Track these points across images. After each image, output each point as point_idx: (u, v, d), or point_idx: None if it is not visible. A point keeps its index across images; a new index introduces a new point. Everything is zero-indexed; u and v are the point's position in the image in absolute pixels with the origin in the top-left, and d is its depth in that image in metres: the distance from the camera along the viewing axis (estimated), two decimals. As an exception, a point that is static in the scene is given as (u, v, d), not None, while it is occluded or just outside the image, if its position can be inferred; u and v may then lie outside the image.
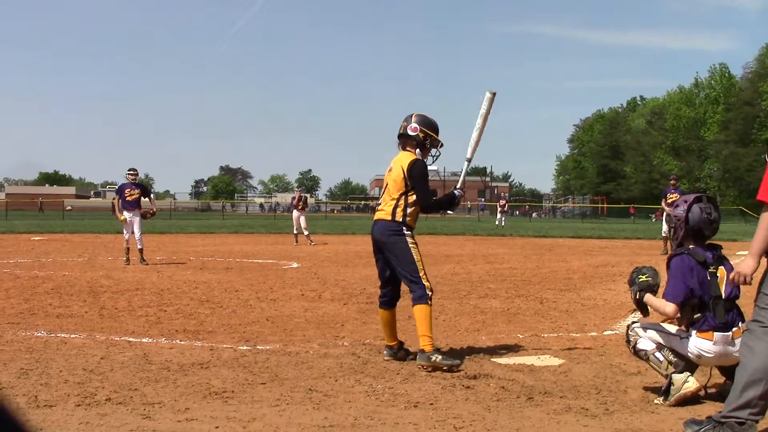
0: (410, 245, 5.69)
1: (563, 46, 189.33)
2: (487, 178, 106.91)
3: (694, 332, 4.67)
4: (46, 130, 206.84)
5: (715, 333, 4.58)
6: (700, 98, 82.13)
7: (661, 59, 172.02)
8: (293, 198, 23.73)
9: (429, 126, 5.89)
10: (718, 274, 4.65)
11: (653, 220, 63.22)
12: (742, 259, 4.01)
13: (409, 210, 5.74)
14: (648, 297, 4.86)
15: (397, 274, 5.78)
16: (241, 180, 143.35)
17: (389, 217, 5.73)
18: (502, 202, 42.12)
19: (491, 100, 6.11)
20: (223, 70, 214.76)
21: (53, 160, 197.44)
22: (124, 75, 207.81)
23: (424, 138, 5.86)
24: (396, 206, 5.73)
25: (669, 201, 18.49)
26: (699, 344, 4.63)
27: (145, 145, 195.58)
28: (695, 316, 4.69)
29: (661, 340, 4.81)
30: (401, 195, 5.74)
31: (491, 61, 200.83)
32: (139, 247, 14.43)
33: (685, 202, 4.86)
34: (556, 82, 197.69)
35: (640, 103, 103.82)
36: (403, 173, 5.72)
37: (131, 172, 14.86)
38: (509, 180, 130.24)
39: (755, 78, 72.92)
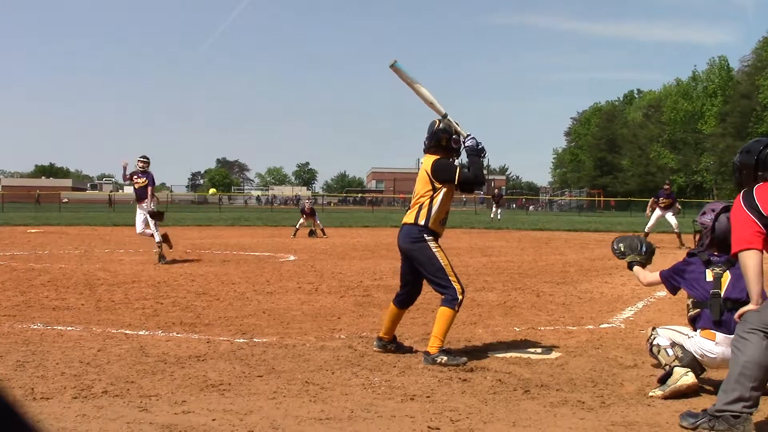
0: (434, 250, 5.62)
1: (560, 38, 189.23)
2: (484, 171, 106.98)
3: (698, 331, 4.71)
4: (42, 123, 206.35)
5: (717, 333, 4.59)
6: (698, 91, 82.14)
7: (657, 52, 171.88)
8: (303, 207, 23.51)
9: (455, 131, 5.83)
10: (722, 275, 4.72)
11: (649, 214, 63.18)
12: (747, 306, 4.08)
13: (433, 214, 5.66)
14: (636, 269, 5.35)
15: (425, 278, 5.71)
16: (237, 173, 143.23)
17: (412, 221, 5.68)
18: (496, 191, 42.60)
19: (398, 70, 5.90)
20: (220, 62, 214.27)
21: (49, 153, 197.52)
22: (119, 67, 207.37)
23: (457, 143, 5.80)
24: (420, 209, 5.68)
25: (662, 204, 19.52)
26: (701, 344, 4.66)
27: (141, 137, 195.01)
28: (694, 312, 4.74)
29: (675, 339, 4.85)
30: (427, 198, 5.69)
31: (487, 53, 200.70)
32: (157, 240, 13.13)
33: (713, 210, 4.90)
34: (553, 75, 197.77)
35: (637, 96, 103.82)
36: (428, 175, 5.69)
37: (140, 159, 13.55)
38: (506, 173, 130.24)
39: (752, 71, 72.93)
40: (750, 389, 3.82)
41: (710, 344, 4.62)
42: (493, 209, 40.41)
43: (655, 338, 4.94)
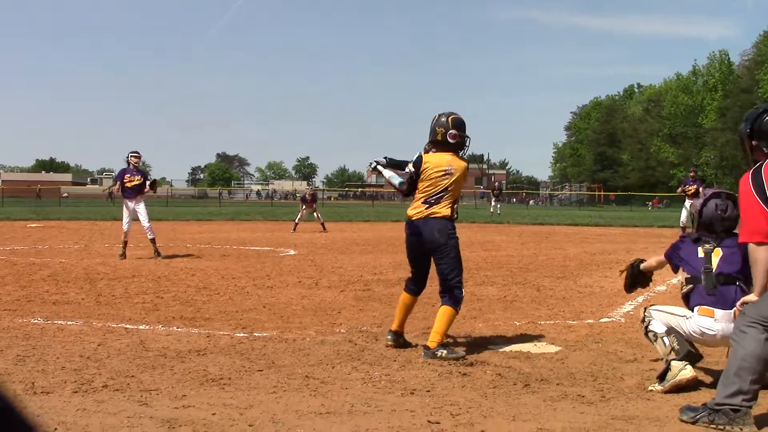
0: (459, 248, 5.79)
1: (560, 32, 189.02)
2: (484, 166, 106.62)
3: (696, 310, 4.71)
4: (43, 118, 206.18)
5: (716, 310, 4.60)
6: (698, 85, 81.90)
7: (658, 47, 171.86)
8: (304, 195, 24.20)
9: (463, 127, 5.85)
10: (713, 251, 4.80)
11: (650, 209, 63.33)
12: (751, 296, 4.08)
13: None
14: (643, 265, 5.58)
15: (439, 272, 5.75)
16: (237, 167, 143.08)
17: (449, 214, 5.76)
18: (495, 184, 42.77)
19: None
20: (221, 56, 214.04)
21: (50, 147, 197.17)
22: (120, 62, 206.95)
23: (462, 139, 5.85)
24: (453, 205, 5.82)
25: (688, 192, 19.22)
26: (700, 322, 4.66)
27: (141, 132, 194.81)
28: (687, 288, 4.79)
29: (671, 323, 4.84)
30: (459, 195, 5.94)
31: (488, 47, 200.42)
32: (150, 237, 12.98)
33: (705, 195, 4.99)
34: (554, 69, 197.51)
35: (637, 90, 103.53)
36: (463, 177, 5.85)
37: (134, 155, 13.17)
38: (506, 167, 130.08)
39: (752, 65, 72.73)
40: (749, 382, 3.82)
41: (709, 321, 4.62)
42: (492, 203, 40.53)
43: (650, 322, 4.93)
